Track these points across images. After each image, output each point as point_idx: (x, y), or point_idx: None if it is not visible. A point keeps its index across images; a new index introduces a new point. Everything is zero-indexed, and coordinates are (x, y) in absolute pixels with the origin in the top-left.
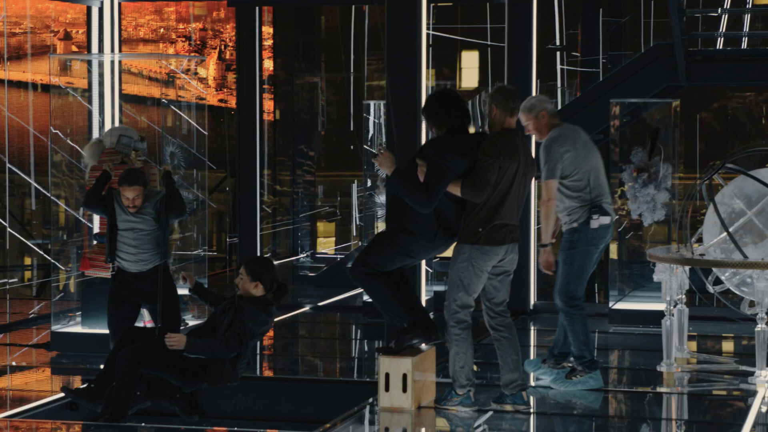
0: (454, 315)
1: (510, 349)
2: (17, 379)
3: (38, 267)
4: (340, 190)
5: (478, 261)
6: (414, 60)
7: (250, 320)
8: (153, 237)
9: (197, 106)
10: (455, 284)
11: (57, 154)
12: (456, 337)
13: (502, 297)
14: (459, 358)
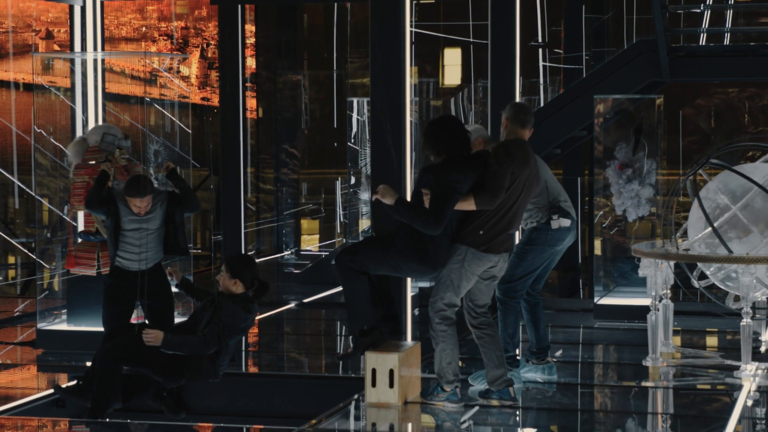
0: (440, 312)
1: (493, 346)
2: (3, 376)
3: (22, 266)
4: (324, 187)
5: (471, 264)
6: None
7: (228, 317)
8: (158, 235)
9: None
10: (445, 283)
11: (40, 152)
12: (442, 334)
13: (485, 300)
14: (446, 355)
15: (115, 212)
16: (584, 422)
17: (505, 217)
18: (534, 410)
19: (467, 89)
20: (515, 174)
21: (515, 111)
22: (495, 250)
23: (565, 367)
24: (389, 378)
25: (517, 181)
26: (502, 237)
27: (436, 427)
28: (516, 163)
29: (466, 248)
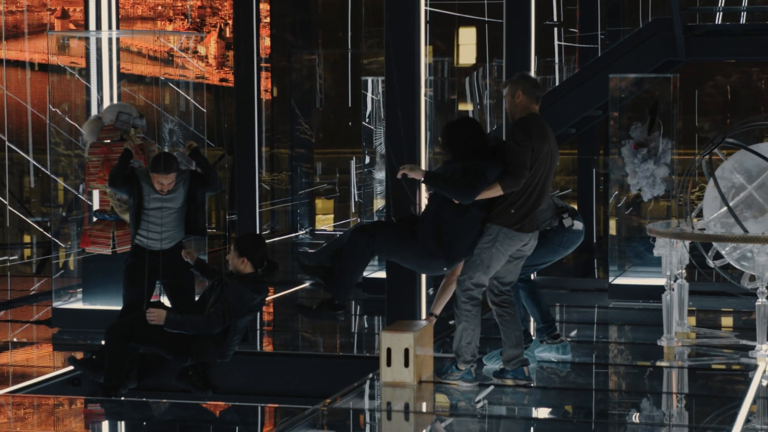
0: (467, 291)
1: (513, 325)
2: (19, 355)
3: (38, 245)
4: (339, 167)
5: (504, 244)
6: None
7: (234, 297)
8: (179, 214)
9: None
10: (475, 263)
11: (56, 132)
12: (466, 313)
13: (511, 278)
14: (467, 334)
15: (137, 191)
16: (599, 402)
17: (533, 194)
18: (548, 390)
19: (482, 68)
20: (536, 150)
21: (530, 85)
22: (527, 229)
23: (579, 347)
24: (404, 357)
25: (540, 156)
26: (534, 215)
27: (451, 406)
28: (535, 139)
29: (498, 228)
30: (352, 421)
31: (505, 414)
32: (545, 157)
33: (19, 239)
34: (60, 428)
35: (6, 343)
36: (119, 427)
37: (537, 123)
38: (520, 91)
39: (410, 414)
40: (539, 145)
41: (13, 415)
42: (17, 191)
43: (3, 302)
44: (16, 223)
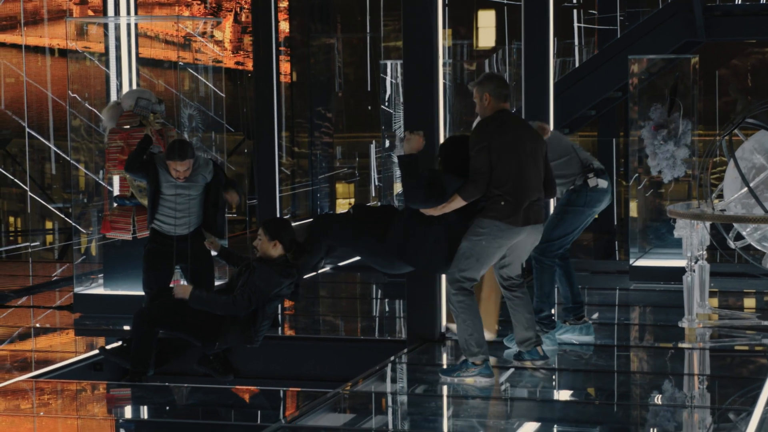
0: (457, 284)
1: (522, 308)
2: (42, 340)
3: (59, 230)
4: (359, 151)
5: (497, 238)
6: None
7: (261, 280)
8: (198, 201)
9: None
10: (465, 255)
11: (75, 118)
12: (460, 305)
13: (515, 272)
14: (467, 326)
15: (154, 177)
16: (620, 384)
17: (518, 186)
18: (570, 372)
19: (501, 51)
20: (495, 146)
21: (495, 85)
22: (521, 222)
23: (601, 329)
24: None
25: (504, 149)
26: (527, 207)
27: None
28: (489, 136)
29: (490, 221)
30: (374, 404)
31: (527, 396)
32: (510, 148)
33: (40, 225)
34: (83, 413)
35: (28, 328)
36: (142, 411)
37: (494, 120)
38: (487, 93)
39: (432, 397)
40: (498, 139)
41: (36, 400)
42: (38, 178)
43: (25, 288)
44: (38, 209)
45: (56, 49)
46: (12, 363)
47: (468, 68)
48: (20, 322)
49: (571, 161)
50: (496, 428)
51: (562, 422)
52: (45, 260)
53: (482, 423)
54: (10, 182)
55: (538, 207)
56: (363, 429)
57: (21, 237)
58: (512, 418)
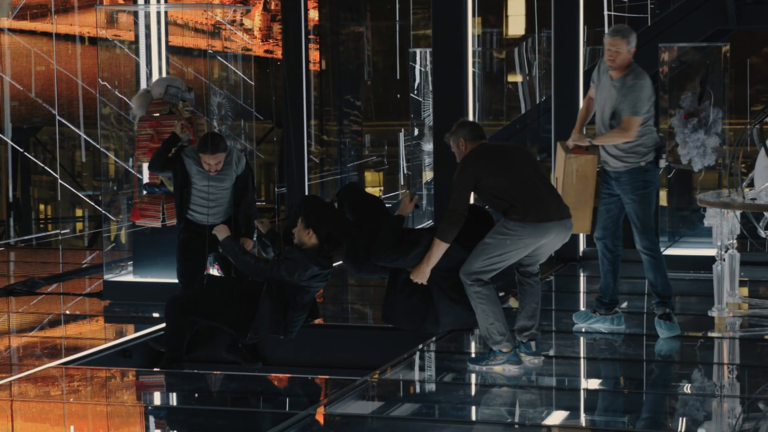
0: (473, 276)
1: (531, 297)
2: (72, 327)
3: (89, 218)
4: (387, 139)
5: (522, 238)
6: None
7: (290, 260)
8: (230, 193)
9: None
10: (487, 252)
11: (106, 106)
12: (477, 295)
13: (534, 270)
14: (487, 316)
15: (181, 172)
16: (649, 373)
17: (530, 192)
18: (599, 361)
19: (531, 39)
20: (477, 174)
21: (468, 130)
22: (545, 218)
23: (630, 318)
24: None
25: (499, 173)
26: (547, 203)
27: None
28: (472, 172)
29: (515, 224)
30: (402, 392)
31: (555, 385)
32: (503, 167)
33: (70, 213)
34: (112, 400)
35: (58, 315)
36: (170, 398)
37: (472, 154)
38: (462, 139)
39: (460, 385)
40: (485, 167)
41: (66, 387)
42: (69, 165)
43: (55, 275)
44: (68, 197)
45: (86, 37)
46: (42, 349)
47: (497, 56)
48: (50, 309)
49: (648, 138)
50: (525, 417)
51: (590, 411)
52: (75, 247)
53: (510, 411)
54: (40, 170)
55: (558, 202)
56: (391, 417)
57: (51, 224)
58: (541, 406)
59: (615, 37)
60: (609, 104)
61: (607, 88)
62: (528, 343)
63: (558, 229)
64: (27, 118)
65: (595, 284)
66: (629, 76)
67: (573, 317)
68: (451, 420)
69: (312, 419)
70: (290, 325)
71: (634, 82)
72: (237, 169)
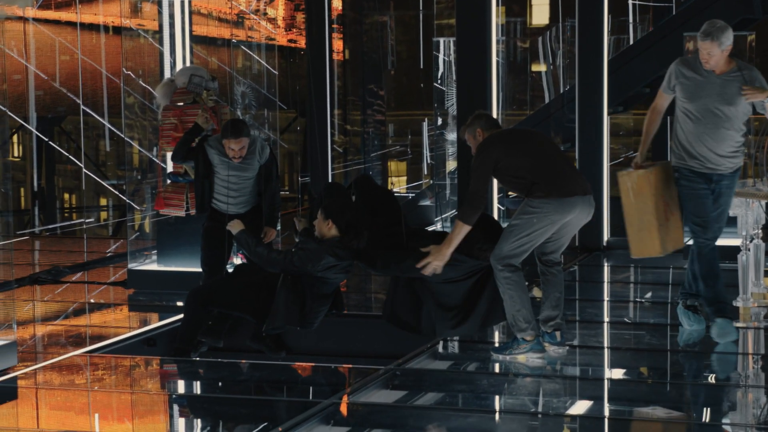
0: (503, 260)
1: (555, 287)
2: (96, 316)
3: (113, 207)
4: (411, 128)
5: (548, 214)
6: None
7: (306, 250)
8: (253, 182)
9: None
10: (515, 234)
11: (130, 95)
12: (506, 281)
13: (558, 250)
14: (514, 302)
15: (203, 161)
16: (674, 363)
17: (550, 170)
18: (622, 350)
19: (555, 28)
20: (496, 155)
21: (484, 120)
22: (570, 192)
23: (654, 308)
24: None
25: (510, 154)
26: (569, 178)
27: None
28: (490, 155)
29: (539, 201)
30: (426, 381)
31: (579, 374)
32: (520, 149)
33: (95, 202)
34: (136, 388)
35: (83, 304)
36: (194, 386)
37: (490, 139)
38: (479, 129)
39: (483, 374)
40: (502, 150)
41: (90, 375)
42: (93, 155)
43: (80, 264)
44: (92, 186)
45: (111, 26)
46: (67, 338)
47: (521, 46)
48: (75, 298)
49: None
50: (548, 406)
51: (614, 401)
52: (99, 236)
53: (534, 401)
54: (65, 159)
55: (580, 178)
56: (415, 406)
57: (76, 213)
58: (565, 396)
59: (705, 41)
60: (721, 96)
61: (712, 83)
62: (553, 333)
63: (582, 204)
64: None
65: (617, 274)
66: (737, 64)
67: (714, 334)
68: (475, 409)
69: (335, 408)
70: (309, 316)
71: (746, 65)
72: (261, 159)
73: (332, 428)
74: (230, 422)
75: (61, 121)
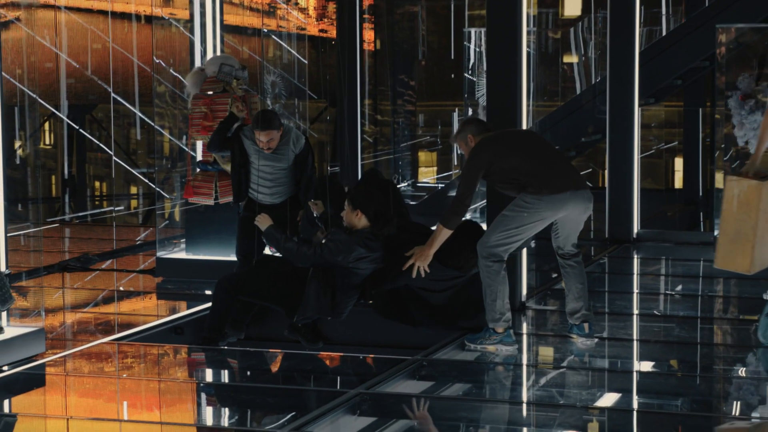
0: (489, 249)
1: (575, 278)
2: (125, 304)
3: (143, 195)
4: (441, 119)
5: (539, 210)
6: None
7: (335, 242)
8: (288, 173)
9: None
10: (504, 225)
11: (160, 84)
12: (486, 269)
13: (569, 243)
14: (491, 291)
15: (239, 151)
16: (704, 356)
17: (540, 166)
18: (652, 343)
19: (587, 19)
20: (488, 158)
21: (475, 125)
22: (562, 188)
23: (684, 301)
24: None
25: (501, 156)
26: (562, 174)
27: (554, 359)
28: (477, 158)
29: (532, 197)
30: (454, 371)
31: (608, 367)
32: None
33: (125, 190)
34: (164, 376)
35: (112, 291)
36: (222, 375)
37: (479, 144)
38: (470, 135)
39: (512, 366)
40: (488, 152)
41: (119, 363)
42: (123, 143)
43: (109, 252)
44: (123, 174)
45: (142, 15)
46: (96, 325)
47: (553, 37)
48: (104, 285)
49: None
50: (576, 398)
51: (642, 393)
52: (129, 224)
53: (562, 393)
54: (96, 147)
55: (574, 174)
56: (442, 397)
57: (106, 201)
58: (593, 388)
59: None
60: None
61: None
62: (581, 324)
63: (575, 199)
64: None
65: (648, 266)
66: None
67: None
68: (502, 400)
69: (362, 398)
70: (338, 306)
71: None
72: (295, 149)
73: (358, 418)
74: (257, 411)
75: (92, 110)
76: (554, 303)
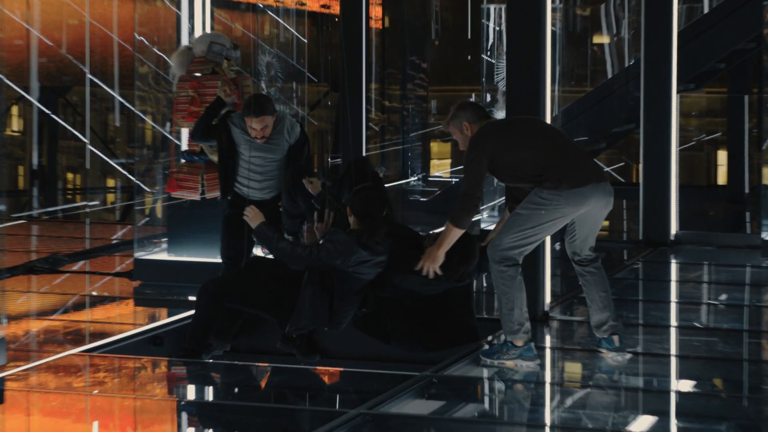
0: (502, 253)
1: (597, 286)
2: (98, 311)
3: (121, 189)
4: None
5: (558, 207)
6: None
7: (334, 243)
8: (280, 164)
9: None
10: (519, 224)
11: (143, 64)
12: (500, 275)
13: (587, 246)
14: (507, 300)
15: (226, 141)
16: (751, 374)
17: (556, 157)
18: (692, 359)
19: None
20: (491, 147)
21: (470, 111)
22: (583, 182)
23: (728, 312)
24: None
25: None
26: (581, 166)
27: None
28: (477, 150)
29: (549, 193)
30: (466, 390)
31: (642, 386)
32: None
33: (101, 183)
34: (141, 392)
35: (83, 297)
36: (206, 392)
37: (481, 132)
38: (466, 122)
39: (533, 384)
40: (492, 141)
41: (90, 377)
42: (100, 130)
43: (81, 252)
44: (99, 165)
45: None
46: (65, 335)
47: (581, 14)
48: (75, 290)
49: None
50: (605, 421)
51: (681, 417)
52: (105, 221)
53: (589, 415)
54: (69, 134)
55: (593, 164)
56: (453, 419)
57: (79, 195)
58: (625, 410)
59: None
60: None
61: None
62: (610, 337)
63: (597, 193)
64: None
65: (687, 272)
66: None
67: None
68: (522, 423)
69: (364, 419)
70: (337, 315)
71: None
72: (290, 138)
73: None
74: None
75: (66, 92)
76: (581, 312)
